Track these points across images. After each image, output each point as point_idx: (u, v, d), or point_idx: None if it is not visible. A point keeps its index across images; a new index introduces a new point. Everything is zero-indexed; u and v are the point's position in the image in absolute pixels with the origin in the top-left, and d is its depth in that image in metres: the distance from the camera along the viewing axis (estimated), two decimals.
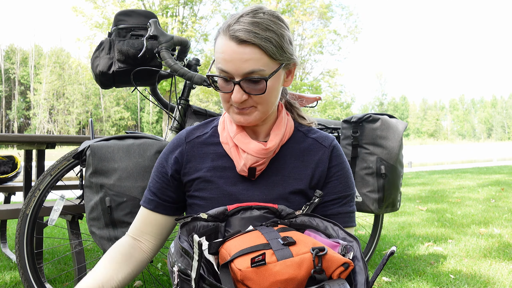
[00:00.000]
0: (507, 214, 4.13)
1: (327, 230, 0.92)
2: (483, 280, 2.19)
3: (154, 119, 52.62)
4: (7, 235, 3.32)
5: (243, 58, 0.91)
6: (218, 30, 0.98)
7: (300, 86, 21.14)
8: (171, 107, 1.99)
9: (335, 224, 0.92)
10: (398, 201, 2.05)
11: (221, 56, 0.93)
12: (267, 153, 1.00)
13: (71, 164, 1.74)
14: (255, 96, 0.95)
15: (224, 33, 0.94)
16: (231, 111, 1.00)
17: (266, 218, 0.94)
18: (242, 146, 1.01)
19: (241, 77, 0.93)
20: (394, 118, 2.07)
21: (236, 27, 0.92)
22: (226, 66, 0.93)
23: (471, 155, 28.84)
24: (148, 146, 1.58)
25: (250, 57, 0.91)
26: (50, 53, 53.23)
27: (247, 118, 0.99)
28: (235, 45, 0.91)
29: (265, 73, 0.93)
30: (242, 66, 0.91)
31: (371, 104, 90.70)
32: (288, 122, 1.08)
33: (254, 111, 0.98)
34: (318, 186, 1.06)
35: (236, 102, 0.95)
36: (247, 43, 0.90)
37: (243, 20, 0.92)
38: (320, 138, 1.09)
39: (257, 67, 0.92)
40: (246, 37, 0.90)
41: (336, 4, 32.79)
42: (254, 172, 1.01)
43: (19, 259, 1.67)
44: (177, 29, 17.79)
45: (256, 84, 0.94)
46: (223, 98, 0.99)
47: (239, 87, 0.94)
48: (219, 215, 0.93)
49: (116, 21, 1.88)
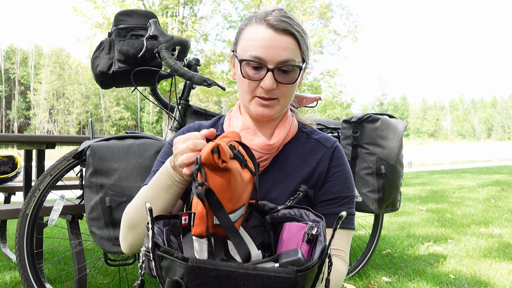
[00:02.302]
0: (507, 214, 4.13)
1: (301, 216, 0.93)
2: (483, 280, 2.19)
3: (154, 119, 52.63)
4: (7, 235, 3.32)
5: (281, 46, 0.94)
6: (248, 20, 1.00)
7: (300, 86, 21.13)
8: (171, 107, 1.99)
9: (308, 209, 0.93)
10: (398, 201, 2.05)
11: (257, 43, 0.95)
12: (271, 149, 1.02)
13: (71, 164, 1.74)
14: (283, 86, 0.97)
15: (259, 21, 0.96)
16: (253, 103, 1.00)
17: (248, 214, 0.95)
18: (247, 142, 1.02)
19: (275, 64, 0.95)
20: (394, 118, 2.07)
21: (274, 16, 0.95)
22: (262, 52, 0.94)
23: (471, 155, 28.83)
24: (148, 146, 1.58)
25: (288, 46, 0.94)
26: (50, 53, 53.23)
27: (269, 111, 1.00)
28: (273, 32, 0.94)
29: (296, 65, 0.96)
30: (280, 53, 0.94)
31: (371, 104, 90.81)
32: (292, 122, 1.10)
33: (277, 104, 1.00)
34: (317, 185, 1.06)
35: (266, 89, 0.96)
36: (286, 32, 0.94)
37: (277, 14, 0.96)
38: (323, 139, 1.11)
39: (292, 57, 0.95)
40: (285, 27, 0.94)
41: (336, 4, 32.80)
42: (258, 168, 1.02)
43: (19, 259, 1.67)
44: (177, 29, 17.79)
45: (287, 75, 0.96)
46: (249, 87, 0.99)
47: (272, 74, 0.95)
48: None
49: (116, 21, 1.88)
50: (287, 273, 0.62)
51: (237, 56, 0.99)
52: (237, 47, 1.01)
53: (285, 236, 0.88)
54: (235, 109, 1.11)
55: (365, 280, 2.29)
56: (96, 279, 2.28)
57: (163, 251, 0.68)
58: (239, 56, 0.99)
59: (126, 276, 2.34)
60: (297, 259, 0.66)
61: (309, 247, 0.81)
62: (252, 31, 0.97)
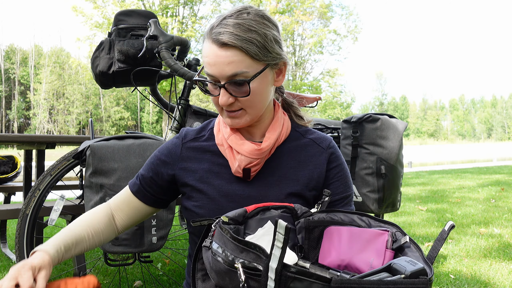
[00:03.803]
0: (507, 214, 4.13)
1: (353, 222, 0.91)
2: (483, 280, 2.19)
3: (154, 119, 52.62)
4: (7, 235, 3.32)
5: (225, 61, 0.91)
6: (204, 34, 0.98)
7: (300, 86, 21.15)
8: (171, 107, 1.99)
9: (363, 214, 0.91)
10: (398, 201, 2.05)
11: (206, 60, 0.94)
12: (260, 153, 1.00)
13: (71, 164, 1.75)
14: (242, 98, 0.95)
15: (207, 36, 0.95)
16: (224, 115, 1.00)
17: (283, 218, 0.94)
18: (235, 147, 1.00)
19: (225, 80, 0.93)
20: (394, 118, 2.07)
21: (218, 29, 0.92)
22: (211, 69, 0.93)
23: (471, 155, 28.84)
24: (148, 146, 1.58)
25: (232, 59, 0.91)
26: (50, 53, 53.24)
27: (238, 121, 0.99)
28: (217, 48, 0.91)
29: (248, 75, 0.93)
30: (225, 69, 0.91)
31: (371, 104, 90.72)
32: (284, 122, 1.07)
33: (244, 114, 0.98)
34: (318, 187, 1.05)
35: (223, 105, 0.95)
36: (228, 46, 0.90)
37: (226, 22, 0.92)
38: (318, 139, 1.09)
39: (240, 69, 0.91)
40: (227, 40, 0.90)
41: (336, 4, 32.77)
42: (249, 173, 1.01)
43: (19, 259, 1.67)
44: (177, 29, 17.80)
45: (241, 87, 0.93)
46: (214, 101, 0.99)
47: (225, 90, 0.94)
48: (239, 217, 0.91)
49: (116, 21, 1.88)
50: (422, 283, 0.65)
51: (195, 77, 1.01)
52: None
53: (348, 241, 0.86)
54: None
55: None
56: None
57: (297, 272, 0.63)
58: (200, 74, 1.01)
59: (126, 276, 2.34)
60: (423, 269, 0.67)
61: (393, 253, 0.81)
62: (203, 48, 0.96)
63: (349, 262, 0.84)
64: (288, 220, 0.94)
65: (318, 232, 0.93)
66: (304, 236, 0.93)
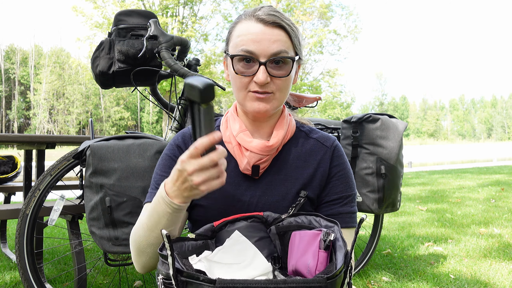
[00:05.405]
0: (507, 214, 4.13)
1: (311, 224, 0.93)
2: (483, 280, 2.19)
3: (154, 119, 52.62)
4: (7, 235, 3.32)
5: (272, 38, 0.94)
6: (238, 18, 1.00)
7: (300, 86, 21.13)
8: (171, 107, 1.99)
9: (317, 215, 0.92)
10: (398, 201, 2.05)
11: (248, 37, 0.94)
12: (270, 150, 1.00)
13: (71, 164, 1.74)
14: (277, 80, 0.96)
15: (248, 18, 0.97)
16: (249, 99, 0.98)
17: (252, 227, 0.94)
18: (244, 144, 1.00)
19: (267, 57, 0.94)
20: (394, 118, 2.07)
21: (263, 11, 0.96)
22: (253, 46, 0.94)
23: (471, 155, 28.83)
24: (148, 146, 1.58)
25: (278, 38, 0.95)
26: (50, 53, 53.23)
27: (265, 106, 0.97)
28: (263, 26, 0.95)
29: (290, 56, 0.96)
30: (271, 46, 0.94)
31: (371, 104, 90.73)
32: (290, 121, 1.08)
33: (273, 98, 0.98)
34: (319, 186, 1.05)
35: (260, 83, 0.94)
36: (275, 24, 0.95)
37: (266, 9, 0.97)
38: (322, 139, 1.09)
39: (284, 48, 0.95)
40: (274, 19, 0.95)
41: (336, 4, 32.75)
42: (258, 170, 1.01)
43: (19, 259, 1.67)
44: (177, 29, 17.79)
45: (281, 67, 0.96)
46: (242, 84, 0.97)
47: (265, 68, 0.94)
48: (207, 232, 0.93)
49: (116, 21, 1.88)
50: (317, 282, 0.65)
51: (229, 54, 0.98)
52: (229, 46, 1.00)
53: (297, 245, 0.87)
54: (231, 111, 1.08)
55: (365, 280, 2.29)
56: (96, 279, 2.29)
57: (187, 275, 0.68)
58: (231, 53, 0.98)
59: (126, 276, 2.34)
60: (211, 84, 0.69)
61: (327, 253, 0.81)
62: (242, 28, 0.97)
63: (295, 266, 0.85)
64: (259, 229, 0.94)
65: (288, 237, 0.94)
66: (279, 242, 0.94)
